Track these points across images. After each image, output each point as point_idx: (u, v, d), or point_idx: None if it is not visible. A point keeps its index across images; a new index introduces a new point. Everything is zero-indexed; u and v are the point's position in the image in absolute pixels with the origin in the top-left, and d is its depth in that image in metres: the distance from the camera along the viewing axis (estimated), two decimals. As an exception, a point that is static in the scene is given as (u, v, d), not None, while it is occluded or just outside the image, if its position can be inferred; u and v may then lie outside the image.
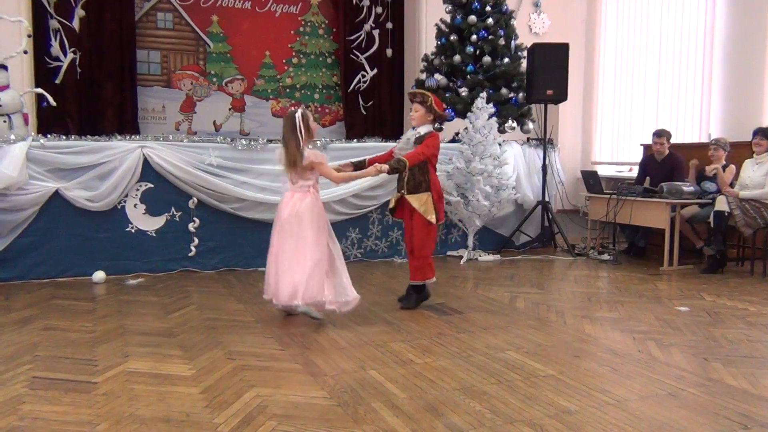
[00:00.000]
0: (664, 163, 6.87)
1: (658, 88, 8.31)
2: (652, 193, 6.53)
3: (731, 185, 6.12)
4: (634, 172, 7.62)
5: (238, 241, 6.11)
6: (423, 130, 4.62)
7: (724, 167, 6.22)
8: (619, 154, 8.99)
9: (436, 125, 4.96)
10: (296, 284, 4.10)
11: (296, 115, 4.18)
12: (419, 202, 4.56)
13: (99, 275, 5.53)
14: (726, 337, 4.07)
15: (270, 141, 6.23)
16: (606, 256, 6.86)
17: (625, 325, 4.36)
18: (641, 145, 7.82)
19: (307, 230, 4.18)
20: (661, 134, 6.89)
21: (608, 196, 6.82)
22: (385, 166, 4.43)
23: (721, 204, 6.01)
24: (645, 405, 2.97)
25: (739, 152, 6.38)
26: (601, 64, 9.34)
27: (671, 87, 8.13)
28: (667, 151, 6.89)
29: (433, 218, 4.57)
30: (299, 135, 4.14)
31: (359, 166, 4.64)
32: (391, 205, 4.81)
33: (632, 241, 7.23)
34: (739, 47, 7.23)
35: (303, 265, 4.13)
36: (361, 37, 9.34)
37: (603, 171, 8.52)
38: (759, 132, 6.13)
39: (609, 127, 9.24)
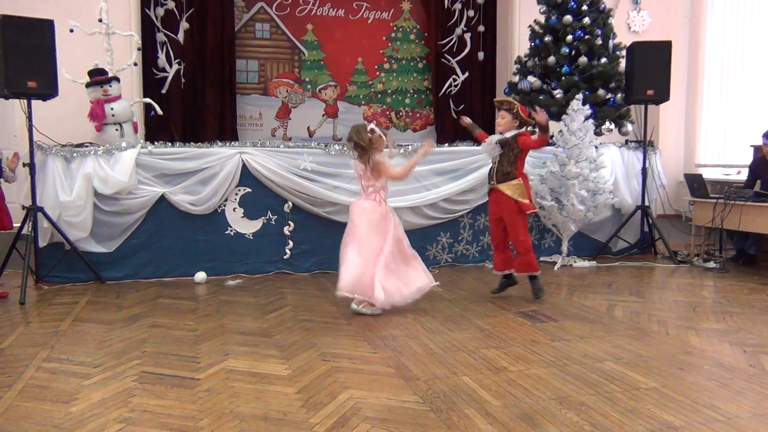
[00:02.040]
0: (777, 166, 6.43)
1: (770, 85, 7.79)
2: (764, 197, 6.13)
3: None
4: (743, 175, 7.18)
5: (331, 244, 6.17)
6: (509, 134, 4.89)
7: None
8: (726, 156, 8.48)
9: (528, 128, 5.08)
10: (350, 280, 4.56)
11: (367, 127, 4.65)
12: (511, 189, 4.84)
13: (200, 276, 5.79)
14: None
15: (362, 146, 6.30)
16: (712, 264, 6.50)
17: (734, 337, 4.11)
18: (751, 146, 7.35)
19: (363, 232, 4.61)
20: (771, 135, 6.46)
21: (714, 200, 6.46)
22: (544, 116, 4.70)
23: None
24: (758, 423, 2.79)
25: None
26: (706, 61, 8.85)
27: (785, 84, 7.61)
28: (780, 153, 6.45)
29: (526, 201, 4.82)
30: (368, 145, 4.60)
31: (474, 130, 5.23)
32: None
33: (741, 248, 6.80)
34: None
35: (356, 264, 4.56)
36: (453, 41, 9.30)
37: (708, 174, 8.07)
38: None
39: (715, 127, 8.74)
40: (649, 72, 6.83)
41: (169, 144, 5.98)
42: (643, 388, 3.22)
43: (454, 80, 9.32)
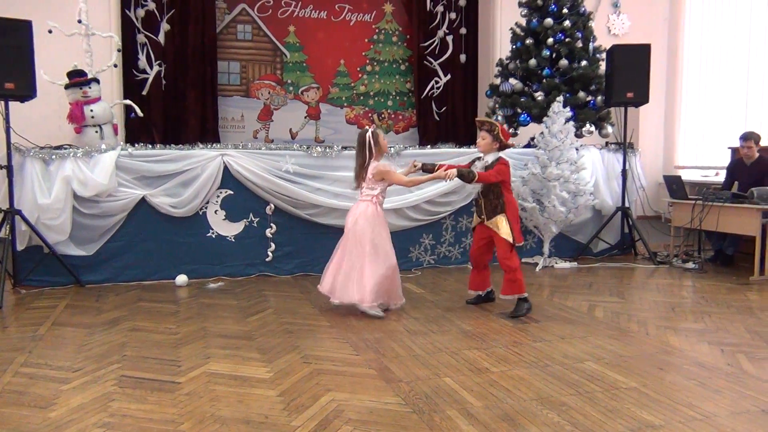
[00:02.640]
0: (754, 167, 6.53)
1: (747, 88, 7.90)
2: (741, 198, 6.21)
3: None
4: (721, 177, 7.27)
5: (314, 246, 6.21)
6: (490, 158, 4.79)
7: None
8: (704, 158, 8.59)
9: (502, 153, 4.88)
10: (356, 291, 4.56)
11: (366, 134, 4.62)
12: (497, 224, 4.72)
13: (182, 279, 5.74)
14: (825, 352, 3.82)
15: (345, 148, 6.31)
16: (691, 265, 6.58)
17: (712, 336, 4.16)
18: (729, 148, 7.46)
19: (366, 239, 4.57)
20: (748, 138, 6.56)
21: (693, 201, 6.54)
22: (454, 171, 4.57)
23: (819, 210, 5.65)
24: (736, 422, 2.82)
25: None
26: (685, 64, 8.96)
27: (762, 86, 7.71)
28: (756, 155, 6.55)
29: (510, 238, 4.67)
30: (366, 153, 4.60)
31: (429, 169, 4.79)
32: (473, 224, 5.03)
33: (719, 248, 6.89)
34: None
35: (362, 273, 4.55)
36: (435, 44, 9.33)
37: (687, 176, 8.17)
38: None
39: (693, 130, 8.85)
40: (628, 75, 6.90)
41: (150, 146, 5.93)
42: (623, 387, 3.25)
43: (437, 82, 9.35)
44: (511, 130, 7.79)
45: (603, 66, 7.37)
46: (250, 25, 8.91)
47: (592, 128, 7.40)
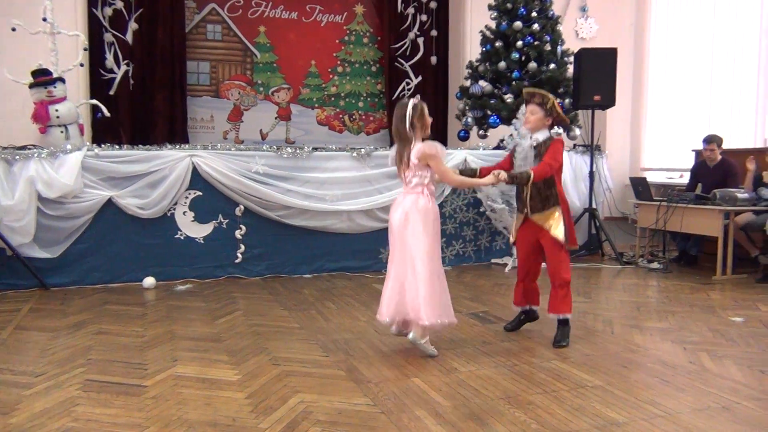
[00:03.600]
0: (717, 170, 6.68)
1: (711, 91, 8.08)
2: (704, 200, 6.35)
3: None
4: (686, 179, 7.43)
5: (284, 248, 6.19)
6: (541, 136, 3.98)
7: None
8: (669, 161, 8.76)
9: (554, 131, 4.33)
10: (409, 302, 3.65)
11: (408, 104, 3.65)
12: (548, 220, 3.92)
13: (149, 281, 5.67)
14: (783, 350, 3.93)
15: (315, 149, 6.30)
16: (656, 265, 6.70)
17: (676, 335, 4.24)
18: (693, 151, 7.62)
19: (419, 237, 3.64)
20: (710, 140, 6.70)
21: (658, 203, 6.67)
22: (504, 174, 3.85)
23: (778, 211, 5.80)
24: (697, 418, 2.89)
25: (797, 157, 6.16)
26: (651, 68, 9.13)
27: (725, 91, 7.89)
28: (719, 157, 6.69)
29: (562, 238, 3.89)
30: (408, 129, 3.62)
31: (470, 175, 4.07)
32: (512, 239, 4.21)
33: (683, 249, 7.04)
34: (797, 49, 6.98)
35: (416, 280, 3.63)
36: (406, 45, 9.37)
37: (652, 178, 8.32)
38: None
39: (659, 132, 9.02)
40: (595, 78, 7.00)
41: (117, 146, 5.85)
42: (588, 386, 3.30)
43: (408, 84, 9.39)
44: (480, 132, 7.86)
45: (571, 69, 7.47)
46: (220, 25, 8.85)
47: (560, 130, 7.47)
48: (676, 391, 3.23)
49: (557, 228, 3.88)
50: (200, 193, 5.94)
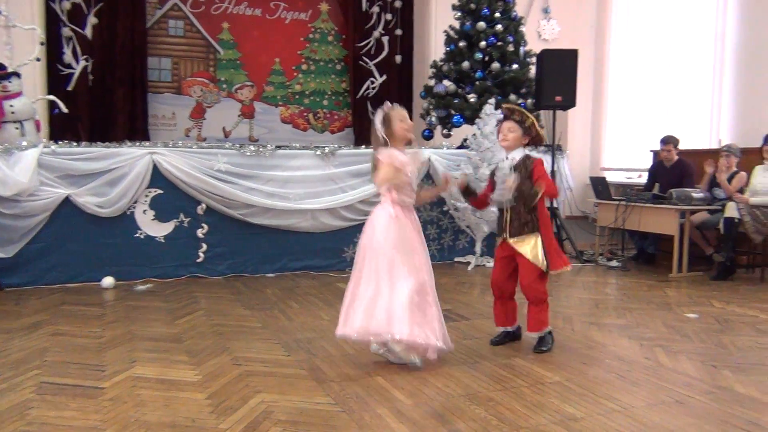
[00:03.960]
0: (673, 170, 6.84)
1: (668, 93, 8.27)
2: (661, 199, 6.50)
3: (741, 191, 6.08)
4: (644, 179, 7.59)
5: (246, 247, 6.13)
6: (517, 155, 3.87)
7: (735, 174, 6.19)
8: (628, 161, 8.94)
9: (533, 151, 4.11)
10: (372, 317, 3.40)
11: (376, 118, 3.53)
12: (524, 245, 3.80)
13: (108, 281, 5.57)
14: (735, 345, 4.04)
15: (279, 147, 6.26)
16: (615, 263, 6.83)
17: (633, 332, 4.34)
18: (651, 151, 7.79)
19: (380, 249, 3.45)
20: (667, 141, 6.87)
21: (617, 202, 6.80)
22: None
23: (731, 210, 5.97)
24: (652, 412, 2.95)
25: (750, 158, 6.35)
26: (611, 70, 9.30)
27: (681, 93, 8.08)
28: (675, 158, 6.86)
29: (541, 264, 3.78)
30: (382, 140, 3.49)
31: (472, 192, 4.10)
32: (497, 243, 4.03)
33: (641, 247, 7.20)
34: (750, 53, 7.17)
35: (377, 294, 3.42)
36: (371, 44, 9.36)
37: (612, 177, 8.48)
38: (769, 138, 6.09)
39: (618, 133, 9.19)
40: (557, 79, 7.11)
41: (75, 143, 5.73)
42: (548, 382, 3.35)
43: (372, 83, 9.39)
44: (444, 132, 7.91)
45: (533, 70, 7.57)
46: (182, 21, 8.72)
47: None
48: (632, 386, 3.30)
49: (534, 254, 3.77)
50: (161, 192, 5.85)
